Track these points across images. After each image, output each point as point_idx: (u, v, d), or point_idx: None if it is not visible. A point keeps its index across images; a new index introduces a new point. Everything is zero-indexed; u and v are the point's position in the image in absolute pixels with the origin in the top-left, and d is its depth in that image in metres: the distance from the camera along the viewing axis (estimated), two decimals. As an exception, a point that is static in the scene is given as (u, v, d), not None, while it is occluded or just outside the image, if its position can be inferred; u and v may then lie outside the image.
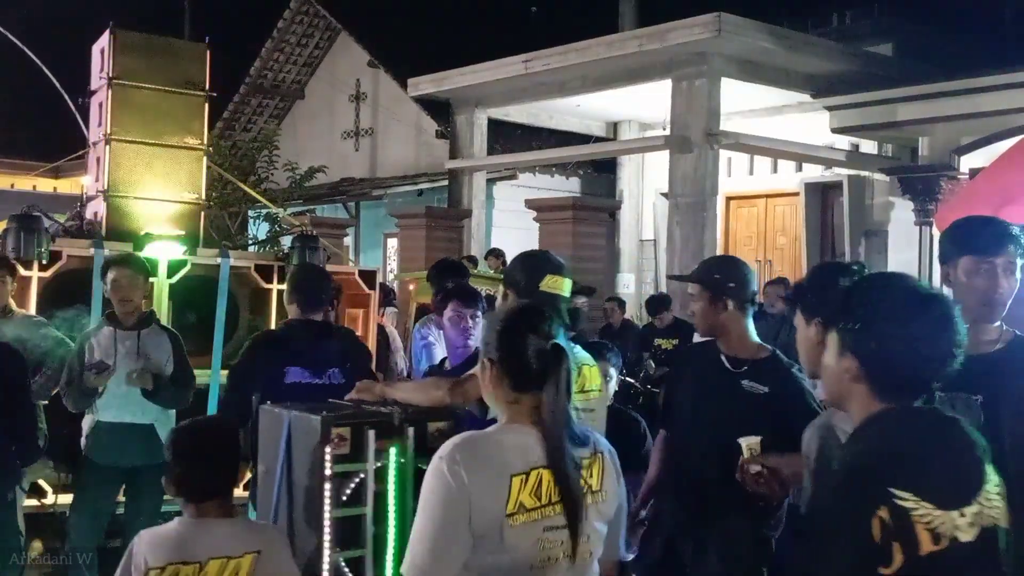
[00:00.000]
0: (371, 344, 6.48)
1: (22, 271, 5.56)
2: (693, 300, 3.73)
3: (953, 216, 3.30)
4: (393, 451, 3.17)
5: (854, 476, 1.86)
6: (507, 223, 14.45)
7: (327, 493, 3.13)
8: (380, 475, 3.16)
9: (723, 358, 3.65)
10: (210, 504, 2.95)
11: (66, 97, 10.34)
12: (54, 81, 10.74)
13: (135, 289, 4.98)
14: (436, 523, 2.19)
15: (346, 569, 3.14)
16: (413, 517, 2.30)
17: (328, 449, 3.13)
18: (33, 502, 5.41)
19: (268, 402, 3.56)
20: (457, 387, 3.26)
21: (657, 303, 9.59)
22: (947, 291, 3.01)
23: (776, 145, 11.92)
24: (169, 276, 6.10)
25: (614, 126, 15.39)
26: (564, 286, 3.38)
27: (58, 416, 4.97)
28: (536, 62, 12.24)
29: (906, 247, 11.52)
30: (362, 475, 3.15)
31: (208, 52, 6.89)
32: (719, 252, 12.60)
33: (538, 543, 2.23)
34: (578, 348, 3.33)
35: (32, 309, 5.61)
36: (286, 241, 11.46)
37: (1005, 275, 2.83)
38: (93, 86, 6.88)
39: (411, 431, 3.21)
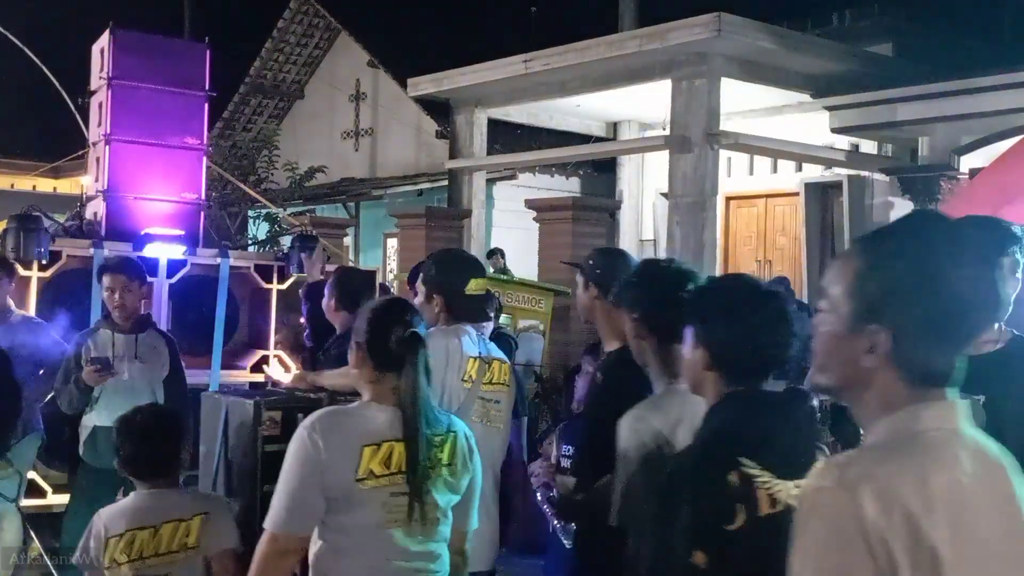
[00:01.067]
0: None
1: (22, 271, 5.57)
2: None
3: (953, 216, 3.29)
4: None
5: (709, 447, 2.13)
6: (507, 223, 14.45)
7: (260, 471, 3.50)
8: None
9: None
10: (160, 481, 3.32)
11: (66, 97, 10.33)
12: (54, 81, 10.73)
13: (129, 294, 4.96)
14: (293, 483, 2.53)
15: None
16: None
17: (261, 431, 3.52)
18: (33, 502, 5.40)
19: None
20: None
21: None
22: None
23: (776, 145, 11.92)
24: (169, 276, 6.10)
25: (614, 126, 15.38)
26: (484, 284, 3.72)
27: (58, 418, 4.97)
28: (536, 62, 12.23)
29: (906, 247, 11.51)
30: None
31: (208, 52, 6.90)
32: (719, 252, 12.61)
33: (384, 506, 2.57)
34: (492, 345, 3.67)
35: (32, 309, 5.61)
36: (286, 241, 11.47)
37: (1008, 275, 2.83)
38: (93, 86, 6.89)
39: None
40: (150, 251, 6.03)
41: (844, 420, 4.02)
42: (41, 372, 5.03)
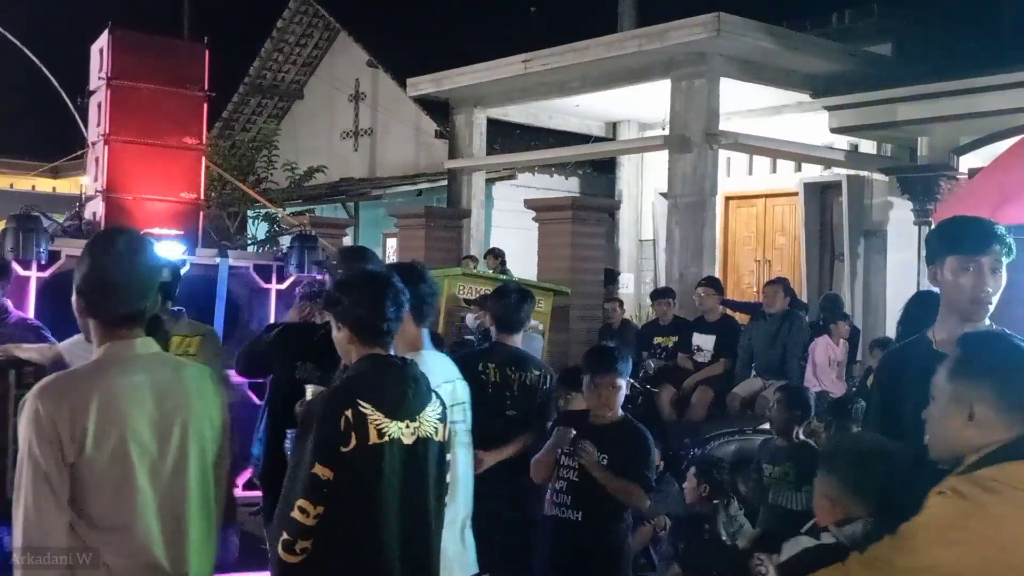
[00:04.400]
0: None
1: (21, 271, 5.56)
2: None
3: (952, 216, 3.30)
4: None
5: (336, 390, 2.91)
6: (506, 223, 14.44)
7: None
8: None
9: None
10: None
11: (65, 97, 10.32)
12: (53, 81, 10.72)
13: None
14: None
15: None
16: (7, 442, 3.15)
17: None
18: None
19: None
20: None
21: (660, 292, 9.57)
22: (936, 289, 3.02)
23: (775, 145, 11.92)
24: (168, 276, 6.09)
25: (613, 126, 15.38)
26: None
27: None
28: (535, 62, 12.23)
29: (905, 247, 11.52)
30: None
31: (207, 52, 6.90)
32: (718, 252, 12.61)
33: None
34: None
35: (30, 309, 5.60)
36: (285, 241, 11.47)
37: (991, 274, 2.84)
38: (92, 86, 6.89)
39: (12, 373, 4.45)
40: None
41: (842, 414, 4.03)
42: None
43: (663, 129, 12.44)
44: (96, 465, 2.39)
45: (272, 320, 6.47)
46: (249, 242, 14.26)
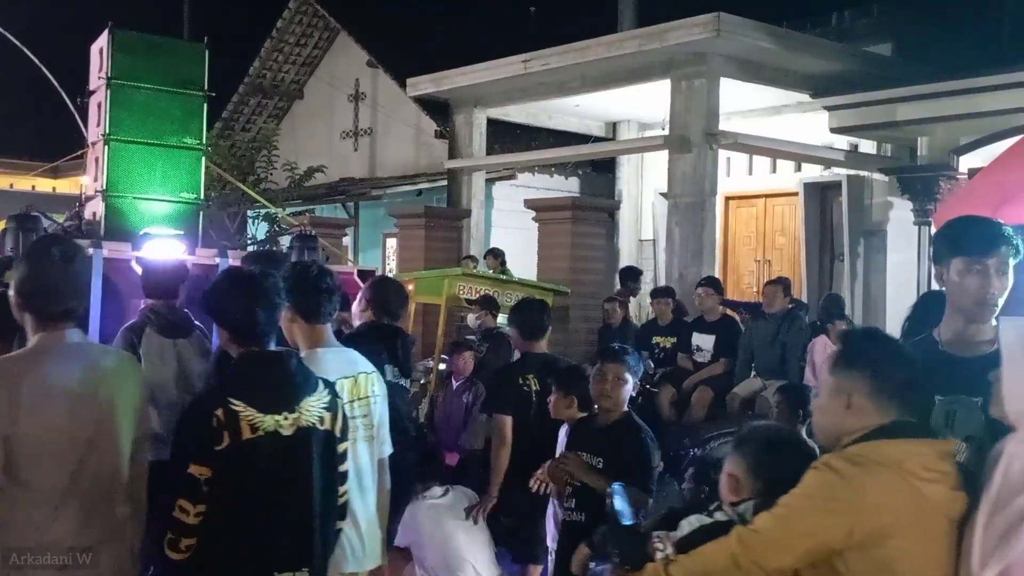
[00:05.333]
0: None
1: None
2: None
3: (952, 216, 3.30)
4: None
5: (206, 391, 3.16)
6: (506, 223, 14.44)
7: None
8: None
9: None
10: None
11: (65, 97, 10.34)
12: (53, 81, 10.74)
13: None
14: None
15: None
16: None
17: None
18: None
19: None
20: None
21: (660, 292, 9.56)
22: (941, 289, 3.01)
23: (775, 145, 11.91)
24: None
25: (613, 126, 15.38)
26: None
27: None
28: (535, 62, 12.23)
29: (905, 247, 11.52)
30: None
31: (207, 52, 6.89)
32: (718, 252, 12.60)
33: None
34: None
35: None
36: (285, 241, 11.48)
37: (997, 276, 2.82)
38: (92, 86, 6.88)
39: None
40: (149, 251, 6.03)
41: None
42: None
43: (663, 129, 12.44)
44: (26, 438, 2.77)
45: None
46: (249, 242, 14.26)
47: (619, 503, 2.79)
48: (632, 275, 10.92)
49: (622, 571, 2.60)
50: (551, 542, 4.71)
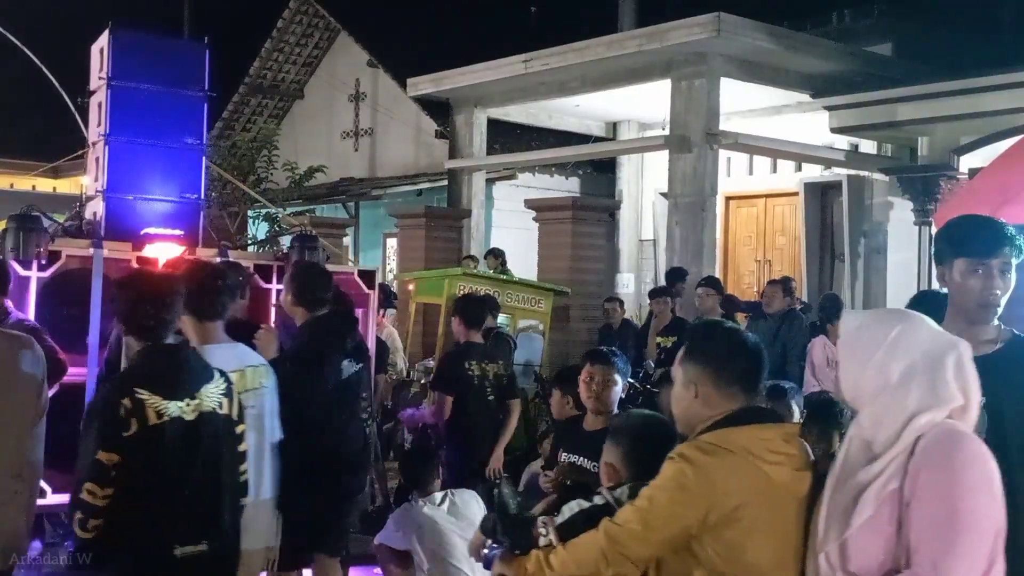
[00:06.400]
0: (370, 343, 6.48)
1: (21, 271, 5.56)
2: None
3: (952, 216, 3.29)
4: None
5: (114, 382, 3.28)
6: (506, 223, 14.45)
7: None
8: None
9: None
10: None
11: (65, 97, 10.32)
12: (54, 81, 10.71)
13: None
14: None
15: None
16: None
17: None
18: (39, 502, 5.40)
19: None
20: None
21: (659, 291, 9.52)
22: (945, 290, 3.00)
23: (775, 145, 11.92)
24: (168, 276, 6.09)
25: (613, 126, 15.38)
26: None
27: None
28: (535, 62, 12.24)
29: (905, 247, 11.53)
30: None
31: (207, 52, 6.88)
32: (719, 252, 12.61)
33: None
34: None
35: (31, 310, 5.60)
36: (285, 241, 11.45)
37: (1000, 276, 2.81)
38: (92, 86, 6.86)
39: None
40: (149, 251, 6.02)
41: (825, 417, 4.04)
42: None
43: (663, 129, 12.44)
44: None
45: (272, 319, 6.48)
46: (249, 242, 14.27)
47: (507, 490, 2.87)
48: (679, 276, 10.50)
49: (511, 555, 2.72)
50: None
